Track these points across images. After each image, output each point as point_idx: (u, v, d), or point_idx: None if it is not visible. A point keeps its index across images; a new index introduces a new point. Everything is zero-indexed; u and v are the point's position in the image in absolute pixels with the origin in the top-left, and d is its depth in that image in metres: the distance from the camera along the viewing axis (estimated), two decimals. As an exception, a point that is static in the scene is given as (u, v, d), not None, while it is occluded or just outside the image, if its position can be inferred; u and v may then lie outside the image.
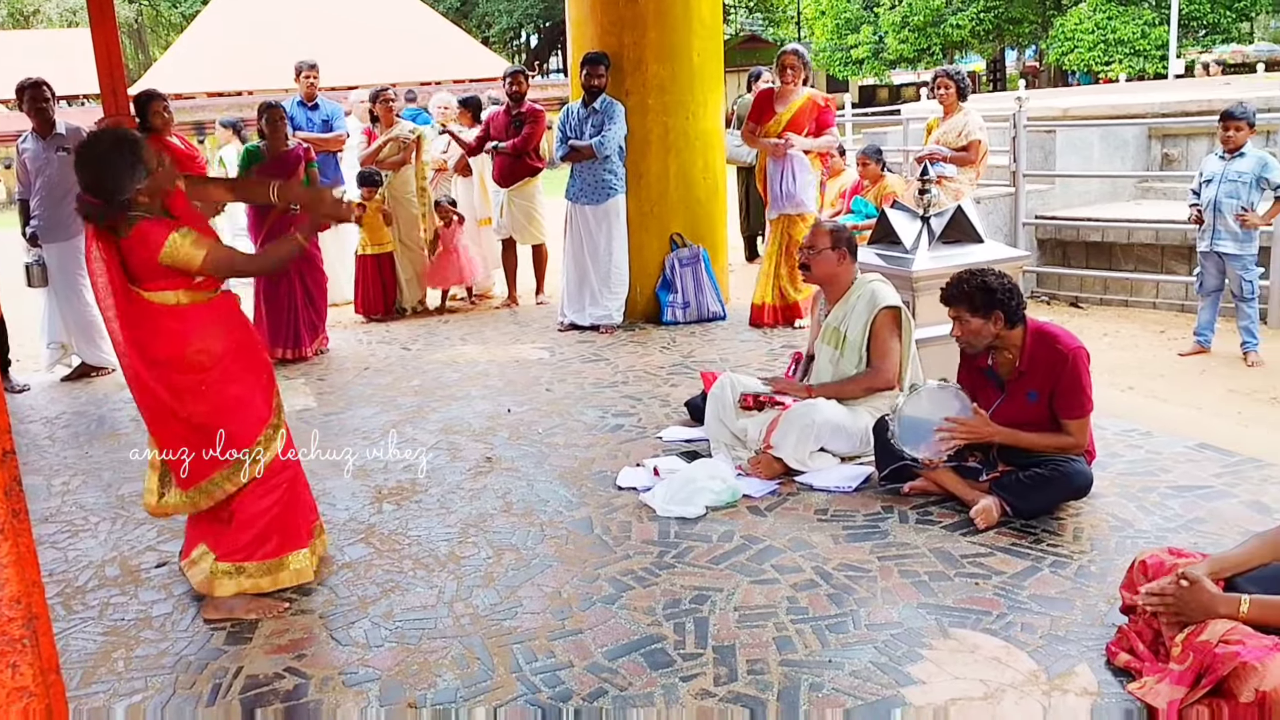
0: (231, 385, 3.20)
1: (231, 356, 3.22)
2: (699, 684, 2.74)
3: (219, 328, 3.21)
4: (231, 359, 3.21)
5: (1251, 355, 6.30)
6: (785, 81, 6.66)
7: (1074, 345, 3.56)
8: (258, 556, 3.26)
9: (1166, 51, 24.12)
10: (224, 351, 3.20)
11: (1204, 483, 3.91)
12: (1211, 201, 6.29)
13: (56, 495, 4.48)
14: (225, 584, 3.24)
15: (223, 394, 3.19)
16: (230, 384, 3.20)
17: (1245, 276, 6.26)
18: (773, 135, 6.61)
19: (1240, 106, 6.31)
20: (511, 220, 7.91)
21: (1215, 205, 6.27)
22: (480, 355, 6.59)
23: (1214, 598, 2.51)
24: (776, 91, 6.74)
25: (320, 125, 8.02)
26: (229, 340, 3.22)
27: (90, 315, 6.57)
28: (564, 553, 3.61)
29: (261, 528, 3.27)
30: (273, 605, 3.28)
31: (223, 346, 3.19)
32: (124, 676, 2.94)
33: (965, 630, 2.93)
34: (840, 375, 4.39)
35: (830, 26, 32.09)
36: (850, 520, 3.75)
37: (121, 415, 5.73)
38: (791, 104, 6.62)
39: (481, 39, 39.09)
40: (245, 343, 3.30)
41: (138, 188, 3.03)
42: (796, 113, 6.60)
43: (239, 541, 3.25)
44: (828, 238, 4.39)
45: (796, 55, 6.69)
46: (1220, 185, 6.24)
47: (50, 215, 6.37)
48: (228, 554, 3.25)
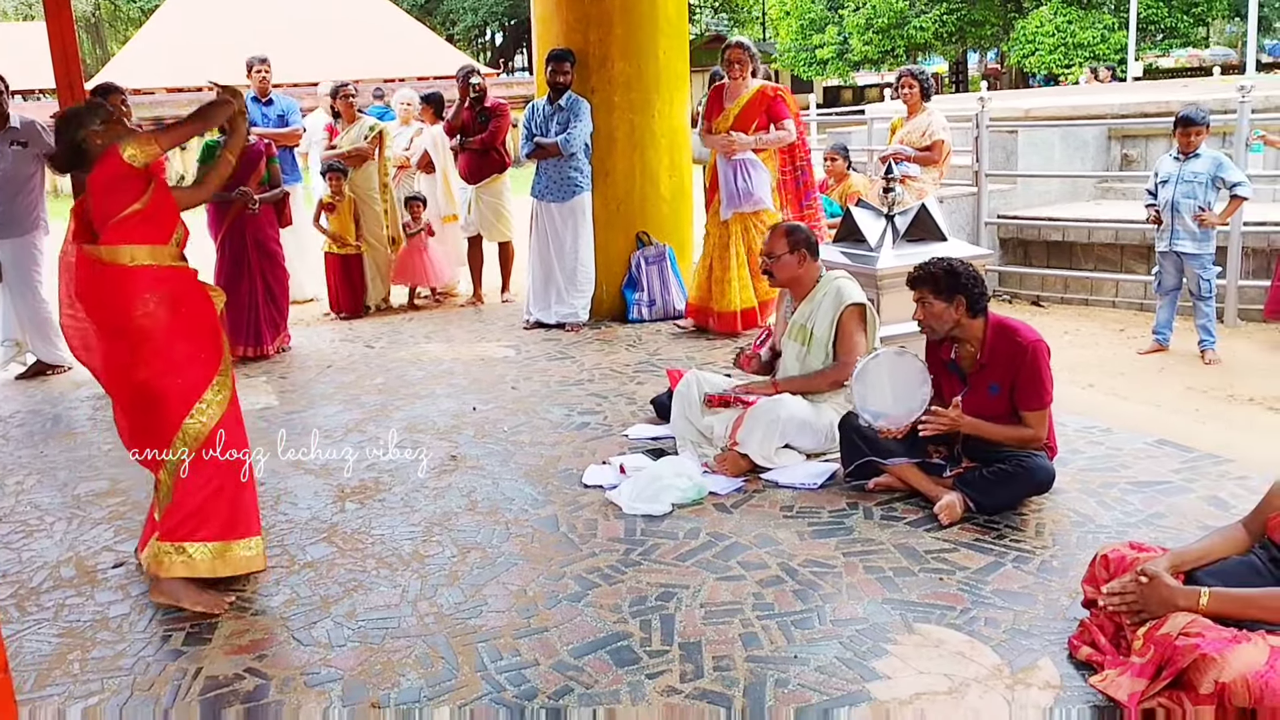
0: (170, 353, 3.20)
1: (176, 326, 3.22)
2: (665, 681, 2.73)
3: (169, 296, 3.22)
4: (176, 329, 3.22)
5: (1209, 353, 6.39)
6: (732, 76, 6.44)
7: (1033, 338, 3.60)
8: (198, 537, 3.21)
9: (1125, 55, 24.44)
10: (168, 320, 3.21)
11: (1163, 478, 3.96)
12: (1169, 202, 6.35)
13: (10, 495, 4.39)
14: (167, 564, 3.19)
15: (162, 361, 3.20)
16: (169, 352, 3.20)
17: (1203, 275, 6.35)
18: (721, 132, 6.41)
19: (1197, 111, 6.38)
20: (479, 217, 7.87)
21: (1173, 206, 6.33)
22: (445, 353, 6.55)
23: (1174, 591, 2.53)
24: (726, 87, 6.54)
25: (276, 120, 7.94)
26: (176, 311, 3.23)
27: (45, 312, 6.45)
28: (529, 551, 3.59)
29: (200, 503, 3.21)
30: (217, 600, 3.23)
31: (168, 315, 3.21)
32: (79, 679, 2.88)
33: (930, 625, 2.95)
34: (807, 370, 4.40)
35: (795, 27, 32.20)
36: (816, 517, 3.76)
37: (78, 414, 5.63)
38: (740, 98, 6.41)
39: (446, 36, 38.88)
40: (195, 318, 3.28)
41: (94, 129, 3.22)
42: (745, 107, 6.38)
43: (176, 517, 3.21)
44: (784, 242, 4.39)
45: (741, 48, 6.44)
46: (1177, 186, 6.31)
47: (4, 210, 6.24)
48: (168, 532, 3.21)
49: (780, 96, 6.46)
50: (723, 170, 6.48)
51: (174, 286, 3.25)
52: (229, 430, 3.28)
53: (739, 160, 6.39)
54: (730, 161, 6.41)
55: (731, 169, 6.42)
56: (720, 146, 6.41)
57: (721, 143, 6.38)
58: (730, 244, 6.52)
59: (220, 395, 3.27)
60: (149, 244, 3.21)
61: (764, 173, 6.45)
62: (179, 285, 3.27)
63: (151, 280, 3.21)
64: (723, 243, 6.56)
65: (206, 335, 3.30)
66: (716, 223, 6.61)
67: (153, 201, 3.22)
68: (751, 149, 6.37)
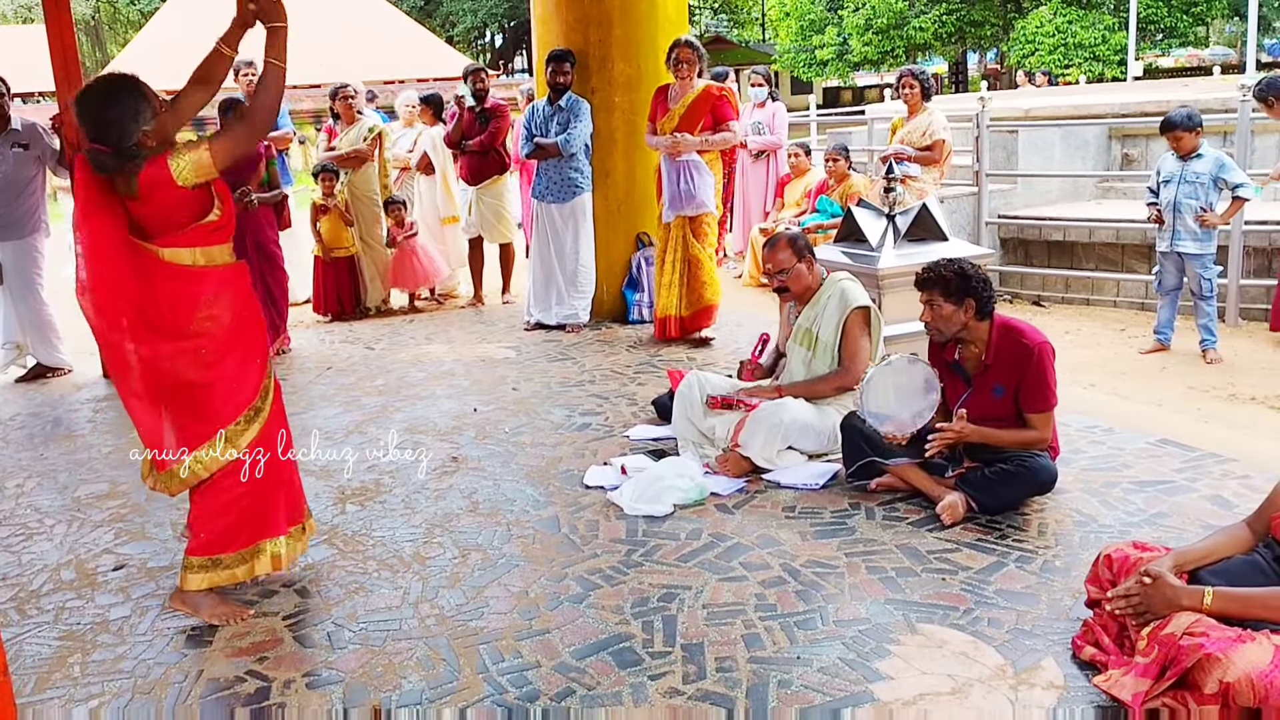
0: (228, 359, 3.11)
1: (235, 329, 3.13)
2: (667, 682, 2.72)
3: (230, 298, 3.11)
4: (235, 332, 3.13)
5: (1210, 353, 6.38)
6: (679, 75, 6.19)
7: (1039, 340, 3.59)
8: (234, 548, 3.18)
9: (1125, 55, 24.43)
10: (230, 322, 3.11)
11: (1165, 478, 3.95)
12: (1171, 202, 6.32)
13: (10, 498, 4.38)
14: (194, 579, 3.16)
15: (219, 366, 3.09)
16: (227, 357, 3.10)
17: (1204, 275, 6.34)
18: (666, 132, 6.21)
19: (1179, 113, 6.31)
20: (480, 219, 7.86)
21: (1175, 206, 6.30)
22: (446, 354, 6.54)
23: (1178, 591, 2.52)
24: (670, 87, 6.33)
25: None
26: (236, 313, 3.13)
27: (46, 315, 6.45)
28: (531, 552, 3.58)
29: (234, 518, 3.16)
30: (239, 611, 3.20)
31: (230, 317, 3.11)
32: (80, 681, 2.88)
33: (932, 625, 2.94)
34: (813, 374, 4.39)
35: (795, 28, 32.21)
36: (818, 517, 3.75)
37: (78, 416, 5.62)
38: (685, 98, 6.20)
39: (446, 38, 38.90)
40: (250, 319, 3.20)
41: (145, 129, 2.95)
42: (690, 107, 6.18)
43: (209, 533, 3.16)
44: (790, 254, 4.37)
45: (689, 46, 6.19)
46: (1179, 186, 6.29)
47: (5, 212, 6.24)
48: (200, 547, 3.16)
49: (725, 97, 6.31)
50: (667, 171, 6.31)
51: (235, 287, 3.13)
52: (267, 435, 3.19)
53: (684, 161, 6.21)
54: (675, 163, 6.23)
55: (676, 170, 6.24)
56: (665, 148, 6.22)
57: (667, 144, 6.19)
58: (669, 247, 6.39)
59: (266, 401, 3.18)
60: (213, 245, 3.09)
61: (708, 175, 6.29)
62: (237, 285, 3.15)
63: (216, 283, 3.08)
64: (662, 246, 6.44)
65: (258, 338, 3.22)
66: (661, 226, 6.48)
67: (225, 211, 3.09)
68: (696, 150, 6.20)
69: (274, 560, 3.26)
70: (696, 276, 6.34)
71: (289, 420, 3.37)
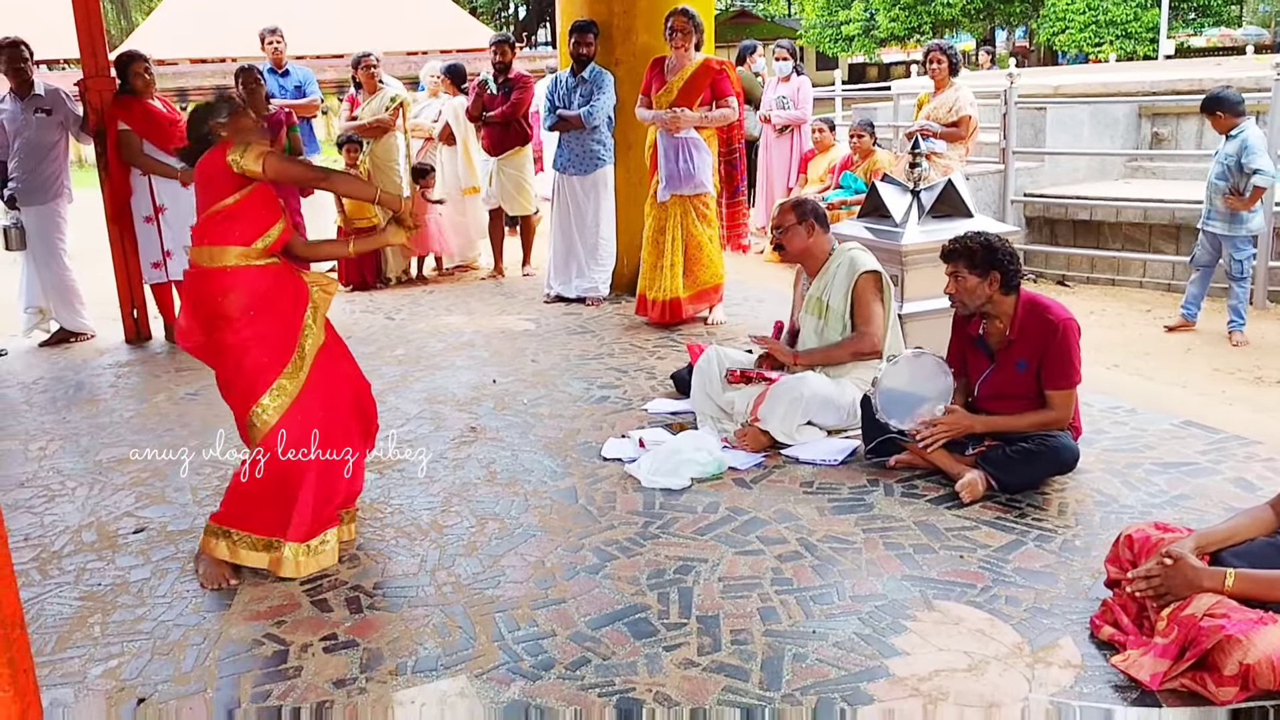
0: (245, 351, 3.19)
1: (246, 327, 3.19)
2: (682, 654, 2.72)
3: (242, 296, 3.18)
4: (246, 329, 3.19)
5: (1236, 335, 6.31)
6: (675, 46, 5.94)
7: (1065, 316, 3.56)
8: (245, 527, 3.20)
9: (1157, 34, 24.08)
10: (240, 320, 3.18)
11: (1189, 459, 3.91)
12: (1209, 181, 6.36)
13: (33, 460, 4.42)
14: (211, 543, 3.22)
15: (235, 358, 3.20)
16: (243, 350, 3.19)
17: (1236, 256, 6.28)
18: (663, 106, 5.99)
19: (1220, 93, 6.27)
20: (501, 190, 7.84)
21: (1210, 183, 6.34)
22: (465, 325, 6.54)
23: (1199, 572, 2.50)
24: (666, 59, 6.10)
25: (293, 92, 7.91)
26: (247, 310, 3.18)
27: (69, 280, 6.49)
28: (548, 522, 3.58)
29: (252, 499, 3.19)
30: (219, 577, 3.21)
31: (239, 314, 3.18)
32: (100, 641, 2.90)
33: (949, 602, 2.92)
34: (825, 343, 4.36)
35: (821, 3, 31.88)
36: (836, 493, 3.73)
37: (100, 381, 5.66)
38: (683, 71, 5.98)
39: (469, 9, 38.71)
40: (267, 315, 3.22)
41: (219, 121, 3.24)
42: (689, 80, 5.96)
43: (229, 506, 3.23)
44: (792, 213, 4.36)
45: (685, 15, 5.92)
46: (1214, 167, 6.31)
47: (28, 177, 6.28)
48: (219, 516, 3.23)
49: (725, 71, 6.08)
50: (663, 148, 6.06)
51: (251, 287, 3.18)
52: (291, 430, 3.18)
53: (682, 138, 5.98)
54: (672, 139, 5.99)
55: (673, 147, 6.00)
56: (663, 123, 5.97)
57: (665, 118, 5.94)
58: (667, 229, 6.15)
59: (278, 400, 3.18)
60: (228, 244, 3.16)
61: (707, 154, 6.07)
62: (256, 285, 3.19)
63: (228, 281, 3.16)
64: (659, 226, 6.19)
65: (274, 338, 3.21)
66: (654, 205, 6.23)
67: (244, 202, 3.16)
68: (695, 127, 5.99)
69: (276, 562, 3.20)
70: (697, 259, 6.16)
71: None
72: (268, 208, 3.22)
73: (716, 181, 6.26)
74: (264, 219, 3.20)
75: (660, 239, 6.19)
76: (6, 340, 6.56)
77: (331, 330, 3.40)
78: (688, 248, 6.16)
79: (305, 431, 3.20)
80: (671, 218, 6.15)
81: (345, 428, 3.34)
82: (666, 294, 6.17)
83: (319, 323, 3.32)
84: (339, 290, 3.46)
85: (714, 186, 6.21)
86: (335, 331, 3.42)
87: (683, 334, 6.05)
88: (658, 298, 6.20)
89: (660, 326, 6.23)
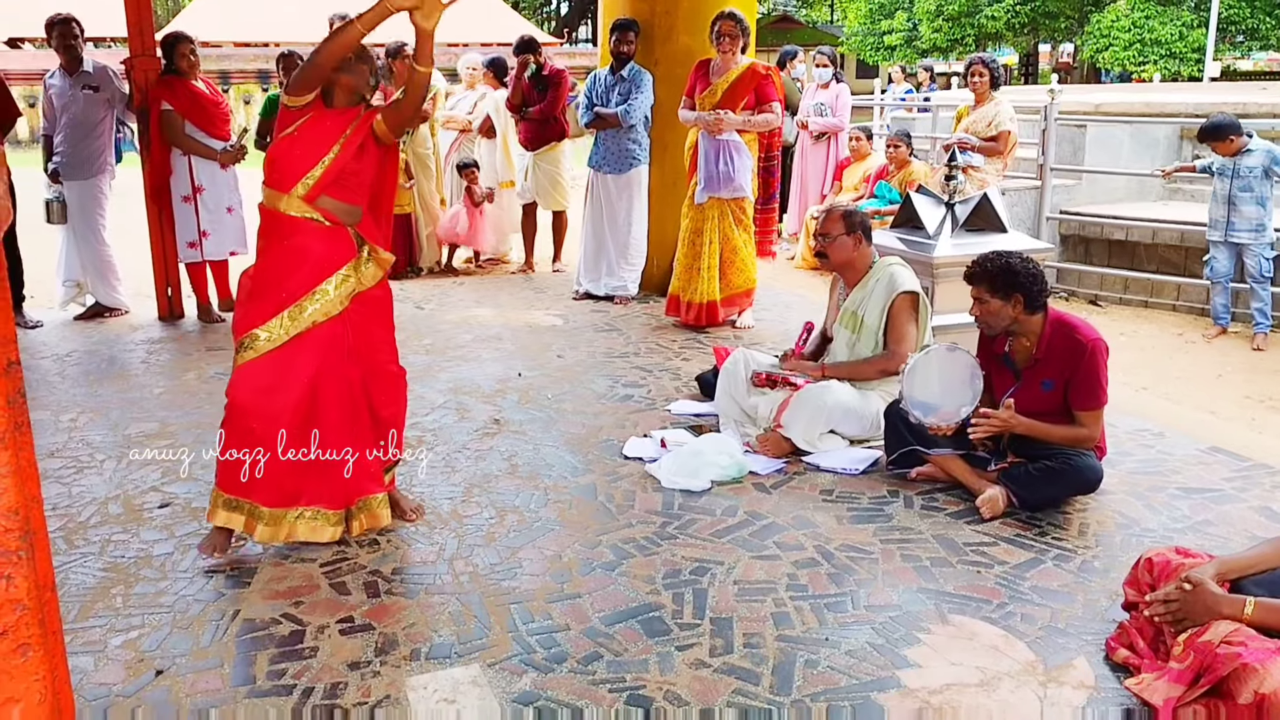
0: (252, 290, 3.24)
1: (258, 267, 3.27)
2: (694, 654, 2.73)
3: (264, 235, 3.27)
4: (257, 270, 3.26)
5: (1259, 337, 6.41)
6: (722, 50, 5.94)
7: (1093, 336, 3.53)
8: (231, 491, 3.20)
9: (1203, 55, 23.82)
10: (259, 260, 3.28)
11: (1214, 485, 3.87)
12: (1226, 196, 6.51)
13: (64, 431, 4.49)
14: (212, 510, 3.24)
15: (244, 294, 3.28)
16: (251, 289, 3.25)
17: (1265, 255, 6.48)
18: (706, 108, 5.96)
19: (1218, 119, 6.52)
20: (536, 184, 7.87)
21: (1230, 200, 6.49)
22: (494, 318, 6.58)
23: (1218, 599, 2.48)
24: (712, 62, 6.09)
25: None
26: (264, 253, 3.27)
27: (107, 255, 6.58)
28: (567, 517, 3.60)
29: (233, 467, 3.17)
30: (217, 545, 3.25)
31: (259, 254, 3.29)
32: (121, 612, 2.95)
33: (964, 617, 2.92)
34: (856, 358, 4.36)
35: (864, 11, 31.80)
36: (855, 502, 3.73)
37: (132, 356, 5.74)
38: (728, 74, 5.96)
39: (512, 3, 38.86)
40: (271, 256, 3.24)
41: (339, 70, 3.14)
42: (733, 84, 5.93)
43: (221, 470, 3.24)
44: (841, 223, 4.34)
45: (733, 19, 5.92)
46: (1233, 181, 6.48)
47: (73, 152, 6.37)
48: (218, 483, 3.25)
49: (770, 77, 6.05)
50: (704, 150, 6.04)
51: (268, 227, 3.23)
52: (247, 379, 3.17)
53: (723, 141, 5.96)
54: (714, 141, 5.98)
55: (714, 149, 5.99)
56: (706, 124, 5.95)
57: (709, 119, 5.93)
58: (704, 230, 6.13)
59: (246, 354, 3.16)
60: (270, 186, 3.19)
61: (748, 157, 6.06)
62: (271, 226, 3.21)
63: (264, 220, 3.25)
64: (695, 228, 6.17)
65: (271, 288, 3.19)
66: (691, 206, 6.22)
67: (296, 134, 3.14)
68: (737, 130, 5.98)
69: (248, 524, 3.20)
70: (732, 263, 6.17)
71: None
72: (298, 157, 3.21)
73: (755, 186, 6.25)
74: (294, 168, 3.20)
75: (697, 241, 6.19)
76: (43, 313, 6.66)
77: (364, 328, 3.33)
78: (723, 251, 6.16)
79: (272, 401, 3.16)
80: (709, 220, 6.14)
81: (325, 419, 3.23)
82: (702, 297, 6.17)
83: (340, 291, 3.23)
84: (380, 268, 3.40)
85: (752, 191, 6.21)
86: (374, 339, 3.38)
87: (709, 336, 6.06)
88: (693, 300, 6.20)
89: (689, 328, 6.23)
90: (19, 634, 1.18)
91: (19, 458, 1.12)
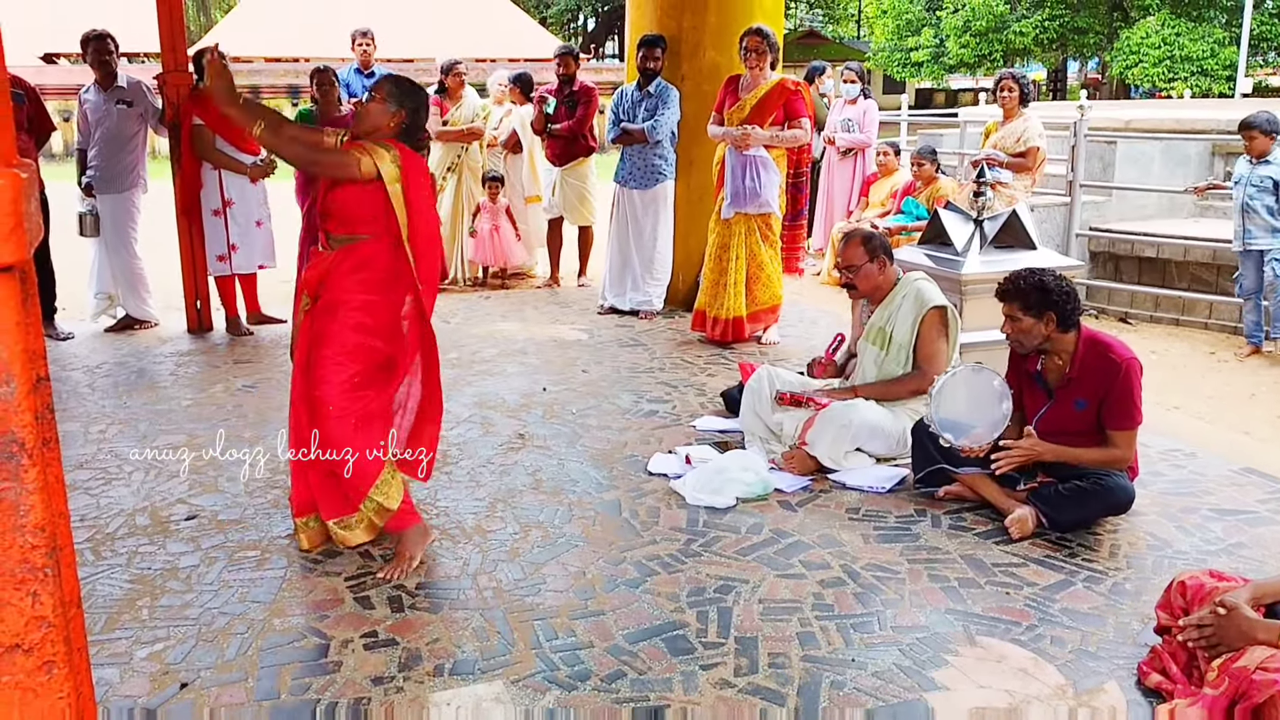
0: None
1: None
2: (719, 673, 2.71)
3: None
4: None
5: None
6: (749, 66, 5.96)
7: (1127, 355, 3.49)
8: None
9: (1233, 72, 23.61)
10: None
11: (1248, 507, 3.81)
12: (1240, 203, 6.56)
13: (93, 442, 4.53)
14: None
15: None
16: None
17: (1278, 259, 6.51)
18: (734, 124, 5.96)
19: (1260, 115, 6.50)
20: (563, 200, 7.90)
21: (1244, 206, 6.54)
22: (519, 333, 6.59)
23: (1254, 624, 2.44)
24: (741, 78, 6.11)
25: None
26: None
27: (138, 268, 6.65)
28: (591, 533, 3.59)
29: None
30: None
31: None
32: (147, 624, 2.96)
33: (993, 639, 2.88)
34: (885, 375, 4.32)
35: (891, 27, 31.74)
36: (882, 521, 3.70)
37: (161, 369, 5.79)
38: (757, 90, 5.97)
39: (539, 19, 39.12)
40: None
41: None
42: (762, 99, 5.94)
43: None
44: (861, 250, 4.28)
45: (760, 35, 5.92)
46: (1246, 188, 6.52)
47: (106, 166, 6.44)
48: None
49: (799, 93, 6.06)
50: (731, 165, 6.05)
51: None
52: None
53: (751, 156, 5.95)
54: (741, 156, 5.97)
55: (741, 165, 5.99)
56: (734, 139, 5.95)
57: (736, 134, 5.92)
58: (731, 246, 6.12)
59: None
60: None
61: (775, 173, 6.04)
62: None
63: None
64: (722, 243, 6.16)
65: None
66: (717, 221, 6.22)
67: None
68: (765, 145, 5.97)
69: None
70: (758, 279, 6.16)
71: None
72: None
73: (782, 202, 6.24)
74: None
75: (724, 256, 6.18)
76: (74, 324, 6.73)
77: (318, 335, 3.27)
78: (749, 267, 6.15)
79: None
80: (735, 236, 6.14)
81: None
82: (729, 313, 6.15)
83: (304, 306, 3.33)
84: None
85: (780, 207, 6.19)
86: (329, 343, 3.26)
87: (735, 352, 6.04)
88: (720, 315, 6.18)
89: (715, 344, 6.21)
90: (44, 651, 1.17)
91: (46, 474, 1.12)
